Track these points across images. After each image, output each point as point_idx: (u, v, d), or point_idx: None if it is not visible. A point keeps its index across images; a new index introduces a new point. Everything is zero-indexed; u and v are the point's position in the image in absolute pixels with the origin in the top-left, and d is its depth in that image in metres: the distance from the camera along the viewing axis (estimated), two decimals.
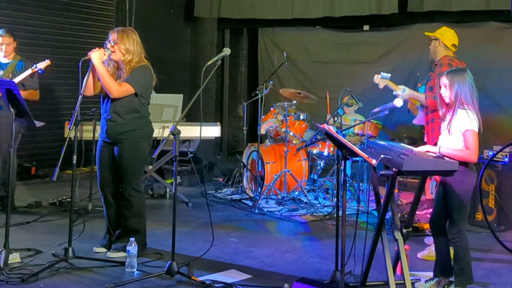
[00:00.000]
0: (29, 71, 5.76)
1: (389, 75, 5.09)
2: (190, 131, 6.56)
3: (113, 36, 4.64)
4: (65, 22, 8.64)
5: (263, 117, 7.15)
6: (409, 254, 4.10)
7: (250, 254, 4.94)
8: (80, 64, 4.40)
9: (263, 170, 6.92)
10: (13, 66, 5.98)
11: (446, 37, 5.13)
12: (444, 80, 4.02)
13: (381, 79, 5.07)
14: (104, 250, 4.77)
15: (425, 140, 5.21)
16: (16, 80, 5.61)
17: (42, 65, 5.72)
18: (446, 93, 4.03)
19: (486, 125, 4.03)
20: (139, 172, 4.83)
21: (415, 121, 6.22)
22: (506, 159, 5.76)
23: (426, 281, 4.17)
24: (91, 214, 6.03)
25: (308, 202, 6.68)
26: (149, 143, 4.82)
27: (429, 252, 4.81)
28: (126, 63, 4.63)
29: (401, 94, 5.00)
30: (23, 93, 5.53)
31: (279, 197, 6.81)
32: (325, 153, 6.83)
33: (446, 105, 4.05)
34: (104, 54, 4.56)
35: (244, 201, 6.92)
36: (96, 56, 4.50)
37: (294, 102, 7.08)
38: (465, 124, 3.87)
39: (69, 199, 5.76)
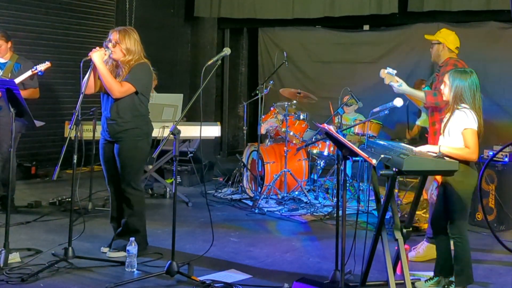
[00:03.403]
0: (29, 73, 5.74)
1: (395, 71, 4.89)
2: (190, 131, 6.56)
3: (114, 35, 4.63)
4: (65, 22, 8.64)
5: (263, 116, 7.15)
6: (409, 254, 4.10)
7: (250, 254, 4.94)
8: (81, 64, 4.40)
9: (263, 170, 6.92)
10: (11, 66, 5.97)
11: (449, 40, 5.05)
12: (445, 78, 4.03)
13: (386, 74, 4.88)
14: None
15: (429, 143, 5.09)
16: (16, 81, 5.61)
17: (42, 67, 5.71)
18: (445, 91, 4.04)
19: (486, 125, 4.03)
20: (138, 171, 4.83)
21: (418, 123, 6.18)
22: (506, 159, 5.76)
23: (426, 281, 4.17)
24: (91, 213, 6.03)
25: (308, 202, 6.68)
26: (148, 142, 4.82)
27: (416, 253, 4.81)
28: (125, 63, 4.63)
29: (396, 88, 4.85)
30: (24, 93, 5.54)
31: (279, 197, 6.81)
32: (325, 153, 6.83)
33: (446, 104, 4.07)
34: (105, 54, 4.56)
35: (244, 201, 6.92)
36: (97, 56, 4.49)
37: (294, 102, 7.08)
38: (464, 123, 3.88)
39: (69, 199, 5.76)
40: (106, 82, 4.52)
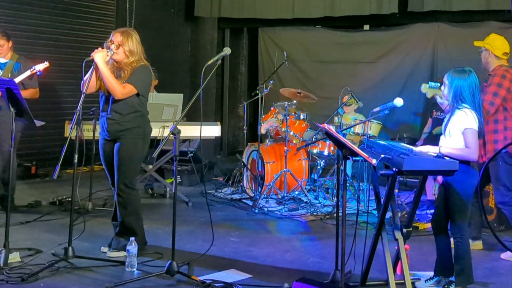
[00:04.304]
0: (28, 73, 5.75)
1: (438, 84, 4.66)
2: (190, 131, 6.56)
3: (116, 37, 4.62)
4: (65, 22, 8.65)
5: (263, 116, 7.15)
6: (409, 254, 4.10)
7: (250, 254, 4.94)
8: (83, 65, 4.40)
9: (263, 170, 6.92)
10: (12, 66, 5.98)
11: (495, 46, 4.98)
12: (444, 78, 4.03)
13: (429, 89, 4.72)
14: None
15: None
16: (15, 81, 5.61)
17: (40, 67, 5.72)
18: (445, 91, 4.04)
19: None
20: (134, 170, 4.82)
21: None
22: None
23: (426, 280, 4.17)
24: (91, 213, 6.03)
25: (308, 201, 6.67)
26: (147, 142, 4.82)
27: None
28: (127, 65, 4.63)
29: (438, 100, 4.65)
30: (24, 93, 5.54)
31: (279, 196, 6.81)
32: (325, 153, 6.83)
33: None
34: (107, 55, 4.56)
35: (244, 200, 6.93)
36: (99, 57, 4.48)
37: (294, 101, 7.08)
38: (464, 123, 3.88)
39: (69, 199, 5.76)
40: (108, 83, 4.52)
